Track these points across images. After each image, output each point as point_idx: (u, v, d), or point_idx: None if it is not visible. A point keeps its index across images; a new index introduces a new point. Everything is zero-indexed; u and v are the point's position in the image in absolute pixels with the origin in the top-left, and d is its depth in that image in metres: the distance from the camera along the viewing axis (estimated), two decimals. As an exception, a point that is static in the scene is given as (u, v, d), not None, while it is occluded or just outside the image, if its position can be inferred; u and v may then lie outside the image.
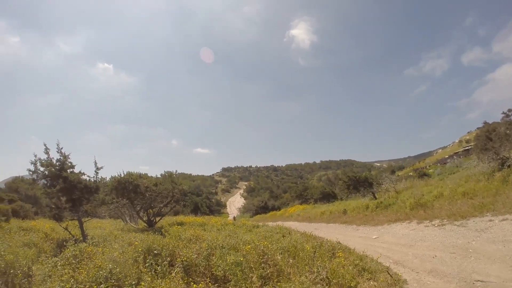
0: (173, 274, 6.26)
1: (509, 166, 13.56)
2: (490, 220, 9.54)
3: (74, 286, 4.76)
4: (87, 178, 11.72)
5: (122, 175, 15.09)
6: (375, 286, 5.80)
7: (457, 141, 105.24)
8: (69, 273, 5.65)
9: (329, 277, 5.81)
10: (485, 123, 17.59)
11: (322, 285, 5.48)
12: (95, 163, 11.96)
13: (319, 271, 6.01)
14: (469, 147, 59.82)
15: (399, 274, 6.69)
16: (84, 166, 11.59)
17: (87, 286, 4.74)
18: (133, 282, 5.13)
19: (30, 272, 6.21)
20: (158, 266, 6.53)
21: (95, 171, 11.98)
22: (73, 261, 6.82)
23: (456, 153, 71.79)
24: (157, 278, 6.06)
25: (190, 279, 6.36)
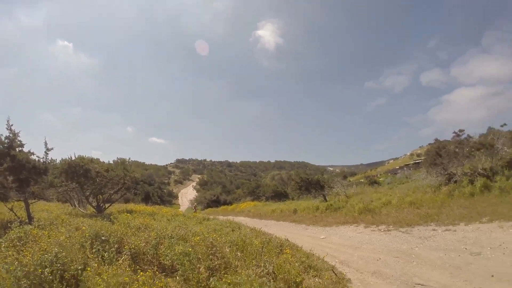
0: (120, 261, 6.10)
1: (455, 182, 14.19)
2: (434, 230, 9.89)
3: (19, 268, 4.52)
4: (36, 159, 11.20)
5: (73, 158, 14.51)
6: (320, 283, 5.82)
7: (408, 154, 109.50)
8: (13, 255, 5.44)
9: (275, 272, 5.81)
10: (436, 140, 18.31)
11: (268, 279, 5.44)
12: (46, 144, 11.48)
13: (266, 265, 6.02)
14: (420, 160, 62.32)
15: (344, 274, 6.80)
16: (34, 147, 11.04)
17: (31, 269, 4.56)
18: (79, 267, 4.98)
19: (-28, 254, 5.81)
20: (105, 252, 6.34)
21: (45, 152, 11.50)
22: (18, 243, 6.55)
23: (406, 165, 74.59)
24: (104, 265, 5.89)
25: (138, 266, 6.23)
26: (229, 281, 5.07)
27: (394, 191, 19.74)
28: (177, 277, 5.92)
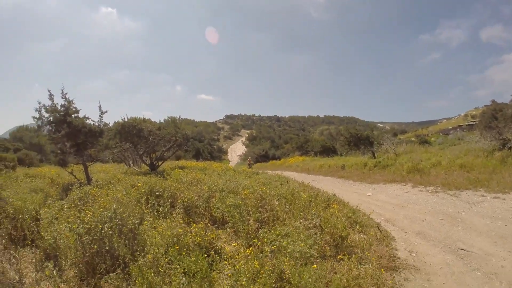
0: (174, 215, 6.66)
1: (510, 148, 13.75)
2: (483, 196, 9.85)
3: (81, 226, 4.93)
4: (91, 123, 11.83)
5: (126, 120, 15.28)
6: (364, 239, 6.13)
7: (462, 114, 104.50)
8: (75, 214, 5.89)
9: (322, 225, 6.11)
10: (493, 101, 17.60)
11: (315, 231, 5.80)
12: (100, 107, 12.04)
13: (313, 218, 6.32)
14: (474, 122, 59.52)
15: (389, 232, 7.04)
16: (88, 112, 11.62)
17: (92, 226, 4.89)
18: (136, 222, 5.32)
19: (38, 216, 6.44)
20: (160, 207, 6.91)
21: (100, 115, 12.07)
22: (79, 203, 7.12)
23: (460, 126, 71.64)
24: (159, 218, 6.47)
25: (190, 219, 6.76)
26: (277, 232, 5.41)
27: (444, 152, 19.35)
28: (228, 229, 6.44)
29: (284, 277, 4.28)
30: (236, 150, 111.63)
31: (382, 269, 4.88)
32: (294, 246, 4.80)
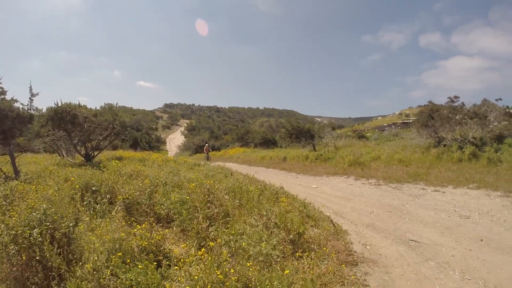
0: (114, 213, 5.99)
1: (445, 146, 14.60)
2: (423, 189, 10.22)
3: (5, 232, 4.21)
4: (21, 107, 10.76)
5: (60, 105, 14.00)
6: (319, 234, 6.03)
7: (397, 113, 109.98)
8: None
9: (277, 222, 5.83)
10: (431, 102, 18.51)
11: (278, 230, 5.51)
12: (30, 89, 10.97)
13: (268, 215, 6.03)
14: (408, 120, 63.20)
15: (340, 225, 7.03)
16: (19, 95, 10.50)
17: (19, 231, 4.17)
18: (71, 224, 4.63)
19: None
20: (97, 204, 6.21)
21: (30, 98, 11.04)
22: (4, 203, 6.20)
23: (394, 123, 75.53)
24: (97, 218, 5.77)
25: (133, 218, 6.04)
26: (233, 231, 5.10)
27: (382, 147, 20.19)
28: (174, 228, 5.87)
29: (251, 286, 3.90)
30: (175, 140, 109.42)
31: (343, 265, 4.79)
32: (257, 247, 4.51)
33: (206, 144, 35.86)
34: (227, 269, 3.89)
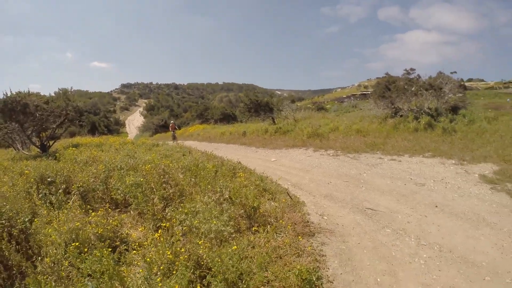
0: (70, 203, 5.77)
1: (401, 116, 14.81)
2: (380, 158, 10.31)
3: None
4: None
5: (9, 95, 13.25)
6: (276, 207, 5.89)
7: (356, 84, 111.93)
8: None
9: (231, 197, 5.72)
10: (387, 74, 18.74)
11: (227, 205, 5.35)
12: None
13: (222, 190, 5.89)
14: (366, 92, 64.18)
15: (297, 196, 6.96)
16: None
17: None
18: (27, 219, 4.55)
19: None
20: (52, 195, 5.91)
21: None
22: None
23: (353, 95, 76.60)
24: (54, 210, 5.49)
25: (89, 206, 5.87)
26: (186, 210, 4.94)
27: (341, 118, 20.34)
28: (131, 212, 5.74)
29: (202, 263, 3.81)
30: (134, 121, 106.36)
31: (299, 236, 4.69)
32: (207, 224, 4.34)
33: (172, 122, 30.85)
34: (178, 249, 3.85)
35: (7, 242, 4.00)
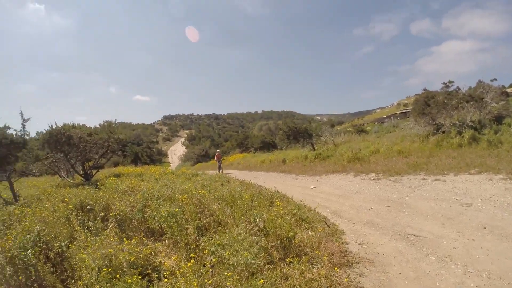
0: (108, 230, 5.91)
1: (443, 132, 14.28)
2: (423, 179, 9.90)
3: (1, 255, 4.33)
4: (14, 133, 10.71)
5: (54, 127, 14.01)
6: (313, 236, 5.74)
7: (395, 103, 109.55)
8: None
9: (266, 227, 5.61)
10: (425, 89, 18.24)
11: (260, 236, 5.28)
12: (21, 115, 10.93)
13: (256, 221, 5.80)
14: (407, 110, 62.60)
15: (337, 225, 6.72)
16: (11, 120, 10.51)
17: (15, 253, 4.31)
18: (64, 243, 4.76)
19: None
20: (90, 222, 6.11)
21: (22, 124, 10.98)
22: (2, 227, 6.22)
23: (393, 115, 74.87)
24: (91, 236, 5.61)
25: (124, 234, 6.03)
26: (218, 241, 4.89)
27: (381, 139, 19.85)
28: (166, 241, 5.78)
29: None
30: (176, 151, 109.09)
31: (336, 267, 4.50)
32: (237, 256, 4.26)
33: (218, 151, 29.23)
34: (206, 280, 3.80)
35: (43, 263, 4.22)
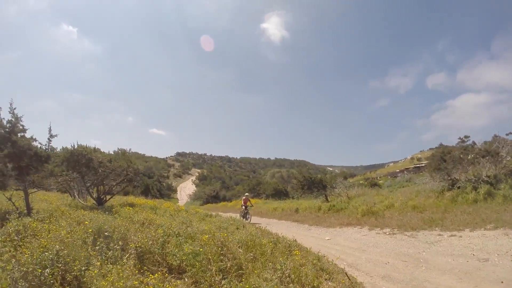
0: (125, 260, 5.87)
1: (459, 188, 14.35)
2: (439, 235, 9.99)
3: (16, 268, 4.25)
4: (38, 146, 10.94)
5: (76, 147, 14.42)
6: (334, 287, 5.88)
7: (409, 157, 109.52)
8: (10, 251, 5.14)
9: (291, 276, 5.68)
10: (441, 144, 18.60)
11: (288, 284, 5.39)
12: (50, 130, 11.26)
13: (283, 268, 5.87)
14: (420, 165, 62.69)
15: (355, 277, 6.85)
16: (34, 133, 10.81)
17: (30, 269, 4.25)
18: (83, 268, 4.72)
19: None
20: (109, 250, 6.09)
21: (48, 139, 11.32)
22: (16, 238, 6.21)
23: (407, 169, 74.74)
24: (108, 263, 5.60)
25: (144, 267, 5.98)
26: (247, 286, 5.00)
27: (396, 194, 19.86)
28: (187, 279, 5.77)
29: None
30: (186, 189, 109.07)
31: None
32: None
33: (246, 194, 24.22)
34: None
35: (59, 285, 4.20)
